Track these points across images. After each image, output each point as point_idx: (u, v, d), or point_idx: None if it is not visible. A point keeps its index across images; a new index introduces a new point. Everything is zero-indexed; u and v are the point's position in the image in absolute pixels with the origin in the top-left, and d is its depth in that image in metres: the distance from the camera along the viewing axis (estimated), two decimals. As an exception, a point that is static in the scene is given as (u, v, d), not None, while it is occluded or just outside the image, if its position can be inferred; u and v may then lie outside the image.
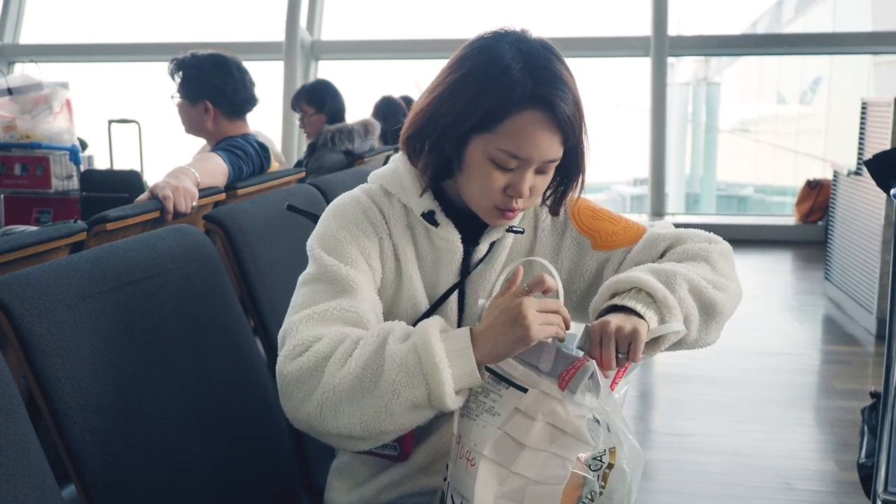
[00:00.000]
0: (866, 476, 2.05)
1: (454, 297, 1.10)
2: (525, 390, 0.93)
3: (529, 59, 0.99)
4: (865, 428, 2.21)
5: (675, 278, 1.02)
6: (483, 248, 1.10)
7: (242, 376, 1.27)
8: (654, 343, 0.99)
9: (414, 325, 1.05)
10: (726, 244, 1.13)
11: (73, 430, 0.95)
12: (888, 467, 1.77)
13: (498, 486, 0.91)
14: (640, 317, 0.97)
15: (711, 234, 1.14)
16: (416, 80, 7.40)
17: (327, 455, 1.24)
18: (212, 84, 2.29)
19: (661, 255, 1.11)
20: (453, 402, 0.91)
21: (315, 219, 1.16)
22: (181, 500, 1.08)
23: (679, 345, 1.04)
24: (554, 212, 1.12)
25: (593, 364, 0.92)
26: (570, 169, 1.07)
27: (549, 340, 0.95)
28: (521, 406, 0.93)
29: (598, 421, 0.91)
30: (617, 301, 1.00)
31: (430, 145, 1.04)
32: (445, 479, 0.99)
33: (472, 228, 1.09)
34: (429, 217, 1.07)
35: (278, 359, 0.97)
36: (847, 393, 3.02)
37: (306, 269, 1.05)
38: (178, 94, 2.32)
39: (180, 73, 2.30)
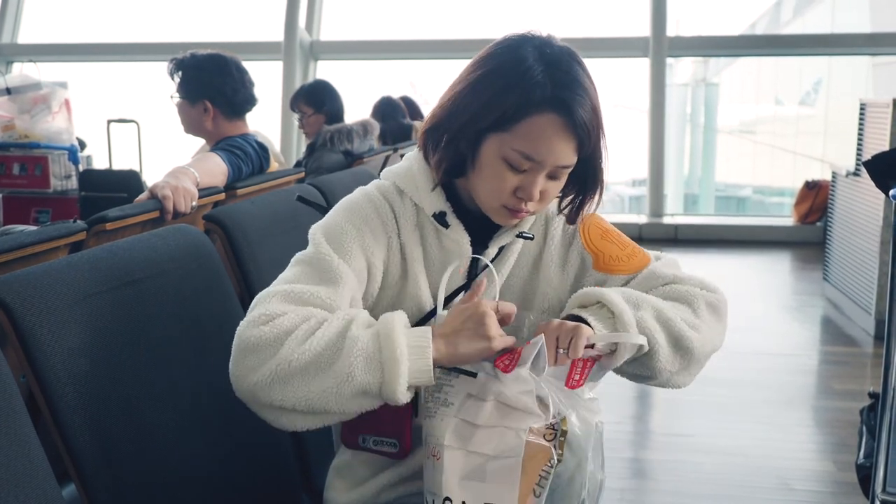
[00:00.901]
0: (865, 476, 2.05)
1: (459, 298, 1.09)
2: (474, 374, 0.97)
3: (552, 62, 1.00)
4: (864, 428, 2.22)
5: (642, 304, 1.04)
6: (492, 251, 1.10)
7: (242, 376, 1.27)
8: (614, 355, 1.01)
9: (416, 325, 1.06)
10: (722, 295, 1.12)
11: (73, 429, 0.95)
12: (886, 468, 1.77)
13: (460, 470, 0.94)
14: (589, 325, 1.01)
15: (712, 282, 1.14)
16: (412, 80, 7.40)
17: (327, 454, 1.24)
18: (211, 84, 2.29)
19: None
20: (403, 395, 0.93)
21: (324, 211, 1.16)
22: (181, 499, 1.09)
23: (651, 378, 1.06)
24: (571, 221, 1.12)
25: (540, 340, 0.94)
26: (587, 178, 1.08)
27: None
28: (472, 391, 0.96)
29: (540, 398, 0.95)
30: (576, 311, 1.04)
31: (446, 140, 1.04)
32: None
33: (481, 231, 1.09)
34: (439, 218, 1.08)
35: (241, 323, 0.98)
36: (845, 393, 3.03)
37: (303, 250, 1.06)
38: (177, 94, 2.32)
39: (180, 73, 2.30)
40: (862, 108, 4.02)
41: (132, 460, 1.02)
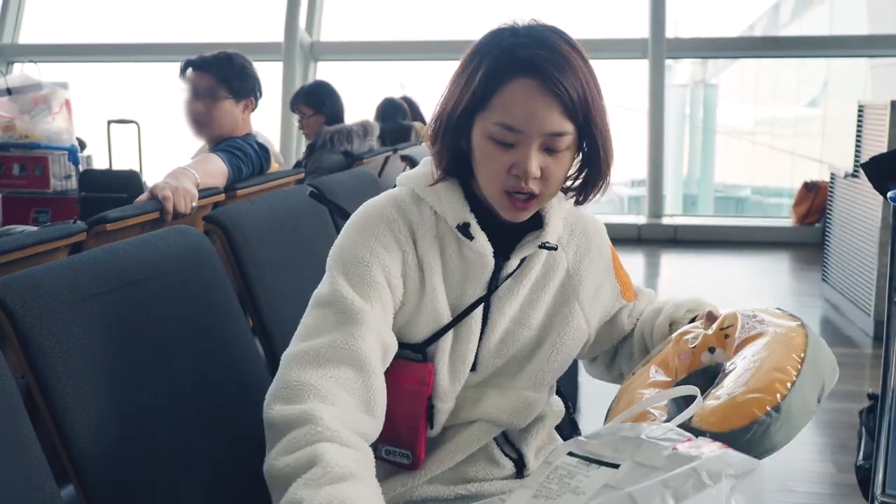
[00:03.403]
0: (864, 478, 2.05)
1: (479, 311, 1.07)
2: (617, 466, 0.84)
3: (525, 34, 0.98)
4: (863, 430, 2.22)
5: None
6: (513, 263, 1.07)
7: (242, 376, 1.27)
8: None
9: (433, 337, 1.05)
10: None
11: (72, 429, 0.95)
12: (886, 469, 1.77)
13: None
14: None
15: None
16: (401, 81, 7.40)
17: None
18: (257, 81, 2.40)
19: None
20: None
21: (337, 209, 1.15)
22: (180, 500, 1.09)
23: None
24: (579, 202, 1.08)
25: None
26: (591, 155, 1.03)
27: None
28: (611, 482, 0.84)
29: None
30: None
31: (442, 135, 1.03)
32: None
33: (504, 242, 1.07)
34: (463, 229, 1.04)
35: (268, 391, 0.94)
36: (844, 395, 3.03)
37: (321, 285, 1.03)
38: (224, 91, 2.33)
39: (218, 72, 2.33)
40: (860, 110, 4.02)
41: (131, 461, 1.02)
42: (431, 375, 1.05)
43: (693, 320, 1.11)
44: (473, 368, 1.08)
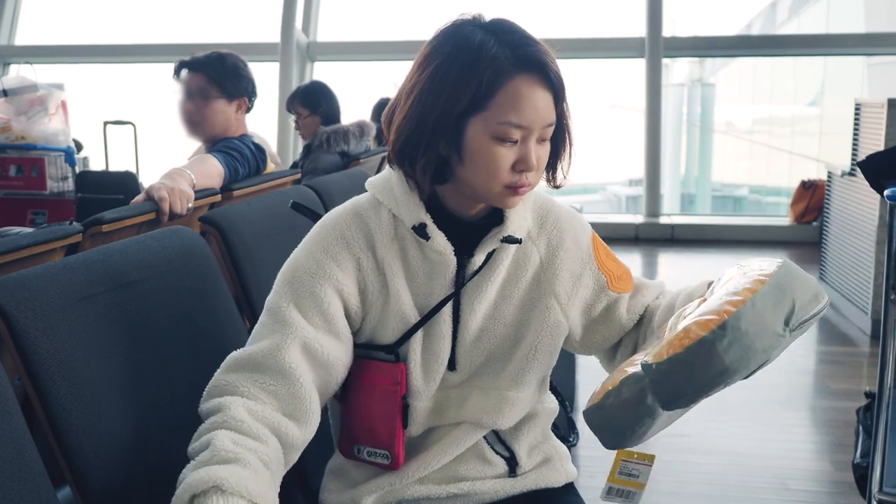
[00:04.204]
0: (862, 476, 2.06)
1: (448, 309, 1.07)
2: None
3: (496, 31, 1.00)
4: (860, 428, 2.22)
5: None
6: (479, 259, 1.06)
7: (238, 378, 1.27)
8: None
9: (404, 337, 1.06)
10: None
11: (68, 431, 0.95)
12: (883, 467, 1.78)
13: None
14: None
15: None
16: (395, 81, 7.41)
17: (323, 455, 1.24)
18: (250, 81, 2.39)
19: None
20: None
21: (316, 218, 1.15)
22: (177, 502, 1.08)
23: None
24: (554, 185, 1.09)
25: None
26: (558, 136, 1.05)
27: None
28: None
29: None
30: None
31: (425, 146, 1.00)
32: None
33: (468, 238, 1.06)
34: (419, 230, 1.04)
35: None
36: (842, 393, 3.03)
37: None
38: (216, 91, 2.33)
39: (209, 72, 2.33)
40: (857, 109, 4.02)
41: (127, 462, 1.02)
42: (404, 375, 1.06)
43: None
44: (453, 368, 1.08)
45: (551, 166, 1.07)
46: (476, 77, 0.97)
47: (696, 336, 0.85)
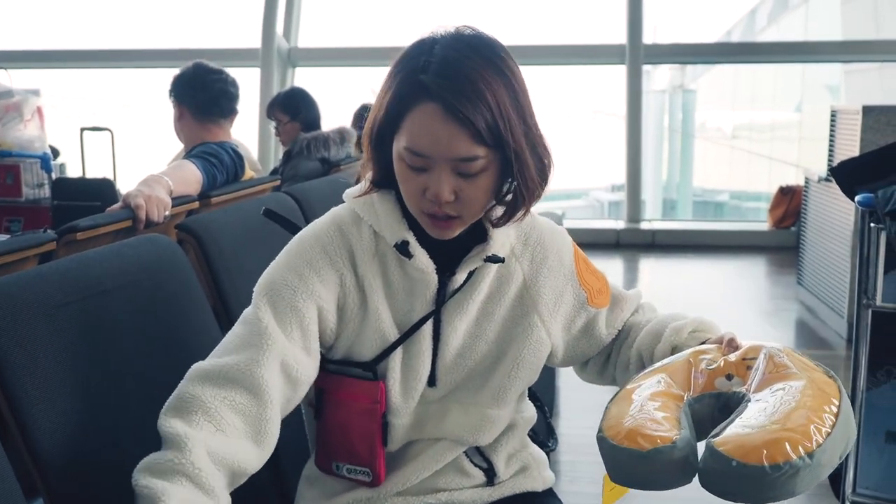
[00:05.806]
0: (835, 477, 2.07)
1: (428, 326, 1.05)
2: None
3: (442, 54, 0.95)
4: (836, 431, 2.24)
5: None
6: (460, 277, 1.04)
7: (215, 386, 1.26)
8: None
9: (382, 355, 1.04)
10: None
11: (41, 442, 0.94)
12: (856, 469, 1.80)
13: None
14: None
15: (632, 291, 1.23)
16: (373, 87, 7.41)
17: (300, 460, 1.23)
18: (183, 88, 2.39)
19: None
20: None
21: (290, 226, 1.14)
22: (152, 513, 1.07)
23: None
24: (495, 224, 1.03)
25: None
26: (505, 171, 0.99)
27: None
28: None
29: None
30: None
31: (371, 148, 1.02)
32: None
33: (450, 256, 1.04)
34: (402, 248, 1.01)
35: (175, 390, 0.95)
36: (819, 396, 3.05)
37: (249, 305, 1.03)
38: (172, 103, 2.41)
39: (173, 85, 2.41)
40: (833, 115, 4.07)
41: (101, 473, 1.01)
42: (383, 393, 1.04)
43: (703, 343, 1.07)
44: (433, 384, 1.07)
45: (503, 208, 1.02)
46: (397, 96, 0.96)
47: (786, 456, 0.82)
